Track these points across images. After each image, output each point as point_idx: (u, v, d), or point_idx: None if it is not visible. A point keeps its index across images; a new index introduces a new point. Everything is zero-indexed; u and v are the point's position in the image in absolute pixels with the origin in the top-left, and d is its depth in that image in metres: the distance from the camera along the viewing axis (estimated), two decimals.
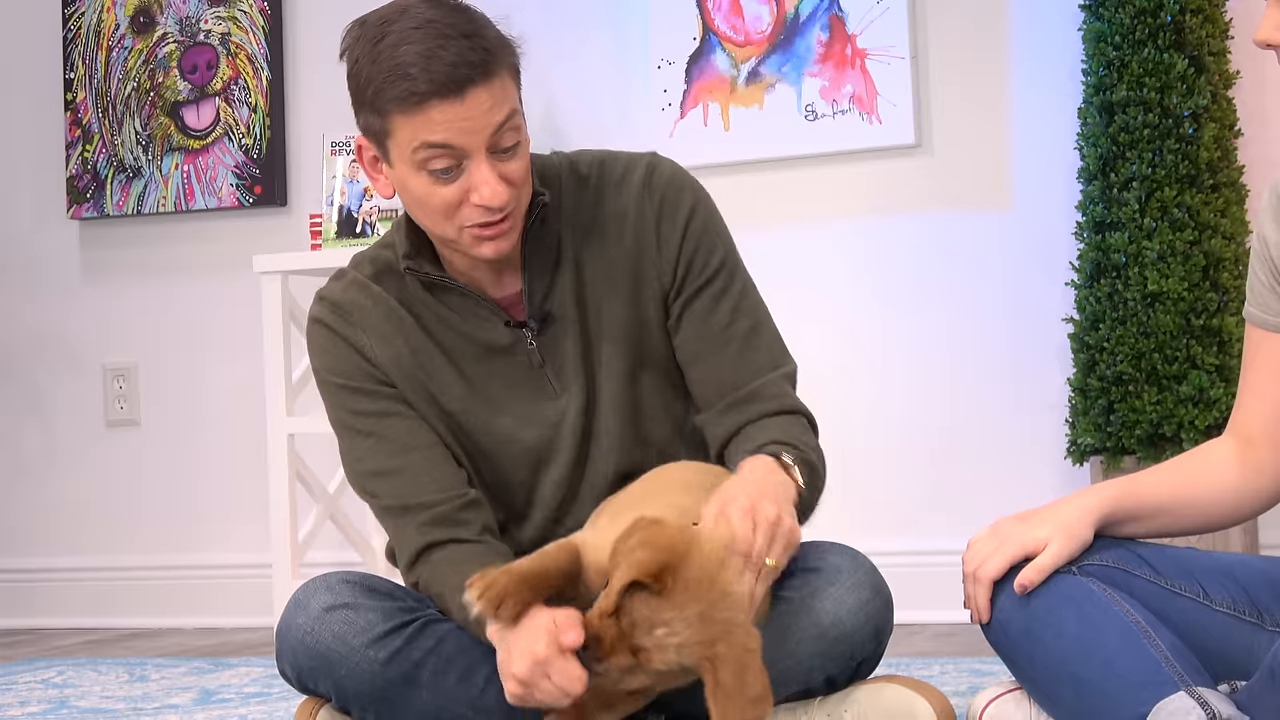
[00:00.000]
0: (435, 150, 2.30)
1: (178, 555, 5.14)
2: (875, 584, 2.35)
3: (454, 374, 2.47)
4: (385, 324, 2.48)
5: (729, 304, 2.47)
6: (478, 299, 2.46)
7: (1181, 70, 3.90)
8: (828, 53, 4.46)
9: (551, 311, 2.46)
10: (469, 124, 2.28)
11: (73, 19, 5.21)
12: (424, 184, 2.33)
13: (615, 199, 2.49)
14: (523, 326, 2.46)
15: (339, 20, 5.04)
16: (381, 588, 2.41)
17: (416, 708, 2.33)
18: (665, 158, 2.54)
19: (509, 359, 2.47)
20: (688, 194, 2.50)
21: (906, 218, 4.44)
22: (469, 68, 2.26)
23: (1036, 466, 4.28)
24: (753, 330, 2.48)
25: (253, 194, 5.01)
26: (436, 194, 2.33)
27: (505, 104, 2.30)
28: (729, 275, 2.49)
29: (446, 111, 2.27)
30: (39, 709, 3.55)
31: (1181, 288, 3.86)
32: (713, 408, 2.45)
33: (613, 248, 2.47)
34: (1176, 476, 2.35)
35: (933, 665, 3.55)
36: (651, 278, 2.47)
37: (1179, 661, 2.10)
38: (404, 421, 2.46)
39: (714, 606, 2.08)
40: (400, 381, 2.47)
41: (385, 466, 2.45)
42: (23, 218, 5.33)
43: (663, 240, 2.47)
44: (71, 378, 5.27)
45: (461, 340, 2.47)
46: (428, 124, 2.28)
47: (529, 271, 2.46)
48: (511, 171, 2.33)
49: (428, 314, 2.48)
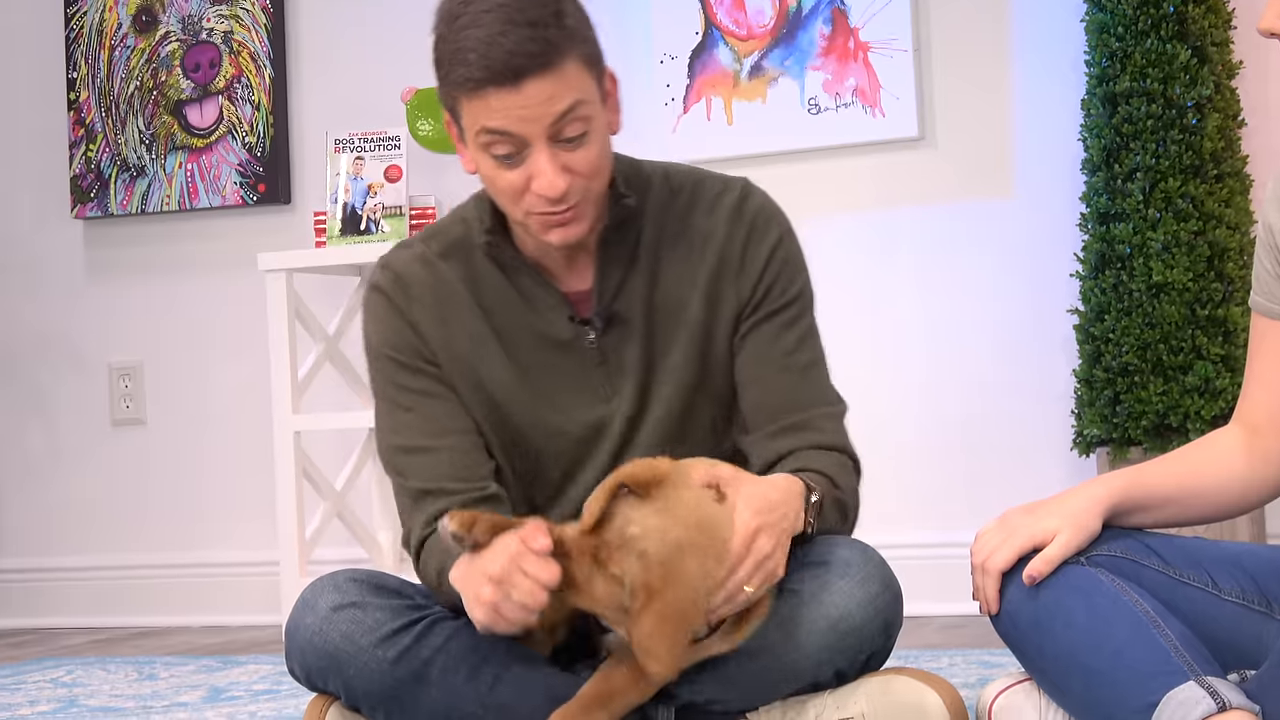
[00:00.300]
0: (495, 136, 2.30)
1: (185, 553, 5.15)
2: (885, 578, 2.35)
3: (505, 361, 2.47)
4: (444, 305, 2.48)
5: (796, 334, 2.49)
6: (547, 288, 2.46)
7: (1184, 61, 3.90)
8: (830, 46, 4.47)
9: (618, 312, 2.47)
10: (526, 113, 2.28)
11: (75, 18, 5.21)
12: (490, 166, 2.34)
13: (705, 217, 2.50)
14: (586, 323, 2.46)
15: (341, 17, 5.08)
16: (389, 585, 2.41)
17: (426, 706, 2.33)
18: (758, 187, 2.55)
19: (566, 354, 2.47)
20: (776, 223, 2.52)
21: (910, 210, 4.45)
22: (526, 58, 2.25)
23: (1043, 458, 4.28)
24: (812, 364, 2.50)
25: (256, 192, 5.02)
26: (502, 177, 2.33)
27: (569, 94, 2.29)
28: (801, 308, 2.51)
29: (503, 99, 2.27)
30: (48, 708, 3.56)
31: (1186, 278, 3.86)
32: (762, 430, 2.45)
33: (695, 263, 2.48)
34: (1183, 466, 2.35)
35: (941, 657, 3.55)
36: (729, 296, 2.48)
37: (1188, 651, 2.10)
38: (443, 404, 2.46)
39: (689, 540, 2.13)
40: (448, 364, 2.47)
41: (417, 444, 2.45)
42: (26, 217, 5.34)
43: (747, 262, 2.48)
44: (76, 377, 5.28)
45: (521, 328, 2.47)
46: (486, 110, 2.29)
47: (601, 269, 2.46)
48: (576, 161, 2.32)
49: (492, 296, 2.48)
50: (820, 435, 2.45)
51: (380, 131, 4.60)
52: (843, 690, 2.33)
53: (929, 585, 3.94)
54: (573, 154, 2.32)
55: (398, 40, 4.90)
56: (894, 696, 2.31)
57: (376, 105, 4.80)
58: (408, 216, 4.55)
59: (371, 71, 4.92)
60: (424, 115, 4.54)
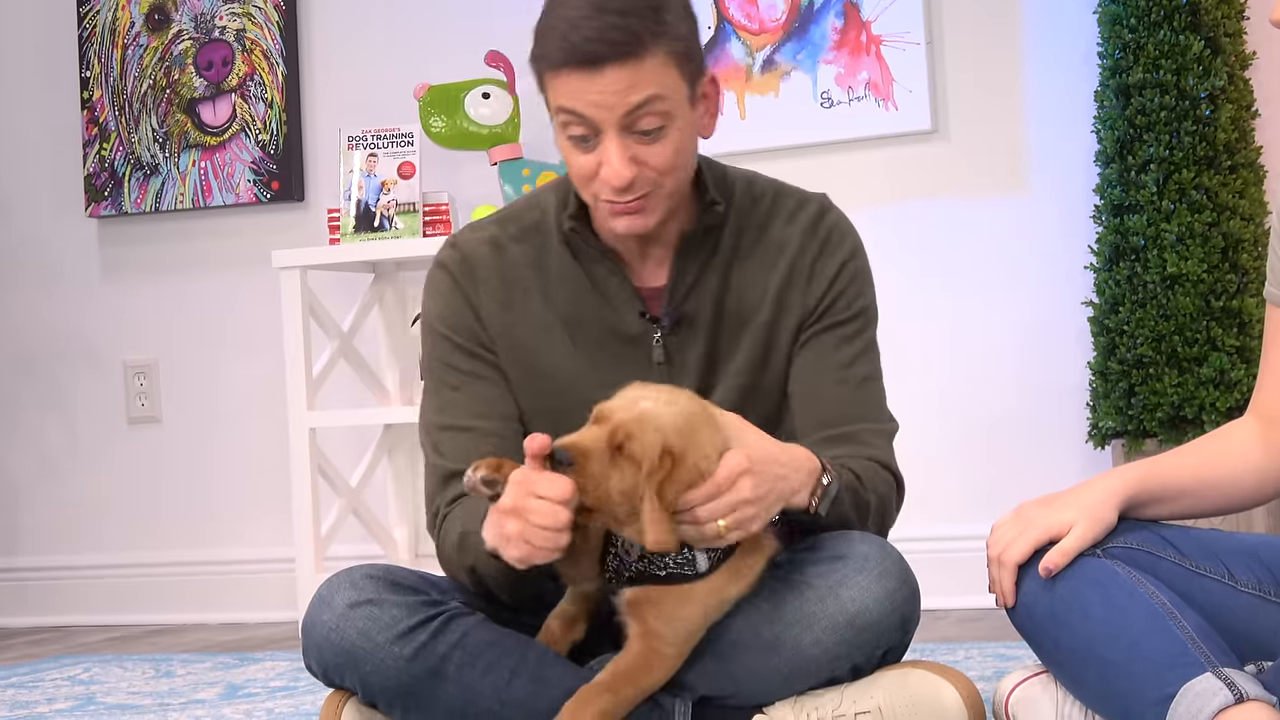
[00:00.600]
0: (570, 116, 2.33)
1: (201, 551, 5.15)
2: (902, 573, 2.35)
3: (570, 349, 2.47)
4: (509, 289, 2.49)
5: (855, 349, 2.50)
6: (621, 280, 2.47)
7: (1198, 52, 3.90)
8: (843, 40, 4.46)
9: (687, 314, 2.48)
10: (600, 99, 2.30)
11: (88, 17, 5.21)
12: (567, 146, 2.37)
13: (782, 228, 2.52)
14: (655, 321, 2.47)
15: (353, 14, 5.08)
16: (405, 581, 2.40)
17: (443, 702, 2.33)
18: (835, 204, 2.58)
19: (632, 349, 2.47)
20: (849, 240, 2.55)
21: (924, 204, 4.44)
22: (606, 45, 2.28)
23: (1058, 450, 4.28)
24: (868, 380, 2.52)
25: (270, 190, 5.02)
26: (575, 158, 2.37)
27: (645, 87, 2.30)
28: (864, 324, 2.53)
29: (579, 82, 2.30)
30: (66, 705, 3.57)
31: (1201, 270, 3.86)
32: (810, 438, 2.45)
33: (767, 272, 2.50)
34: (1199, 458, 2.35)
35: (958, 650, 3.55)
36: (796, 305, 2.49)
37: (1205, 643, 2.10)
38: (491, 387, 2.47)
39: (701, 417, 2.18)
40: (506, 351, 2.48)
41: (458, 422, 2.46)
42: (41, 216, 5.34)
43: (816, 274, 2.50)
44: (92, 375, 5.28)
45: (589, 316, 2.48)
46: (564, 90, 2.32)
47: (678, 269, 2.47)
48: (649, 155, 2.34)
49: (561, 283, 2.49)
50: (866, 449, 2.45)
51: (393, 128, 4.60)
52: (859, 684, 2.33)
53: (945, 578, 3.94)
54: (647, 147, 2.34)
55: (411, 37, 4.90)
56: (911, 690, 2.31)
57: (390, 102, 4.80)
58: (421, 213, 4.55)
59: (384, 68, 4.92)
60: (437, 112, 4.54)
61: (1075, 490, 2.29)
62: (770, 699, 2.34)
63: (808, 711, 2.32)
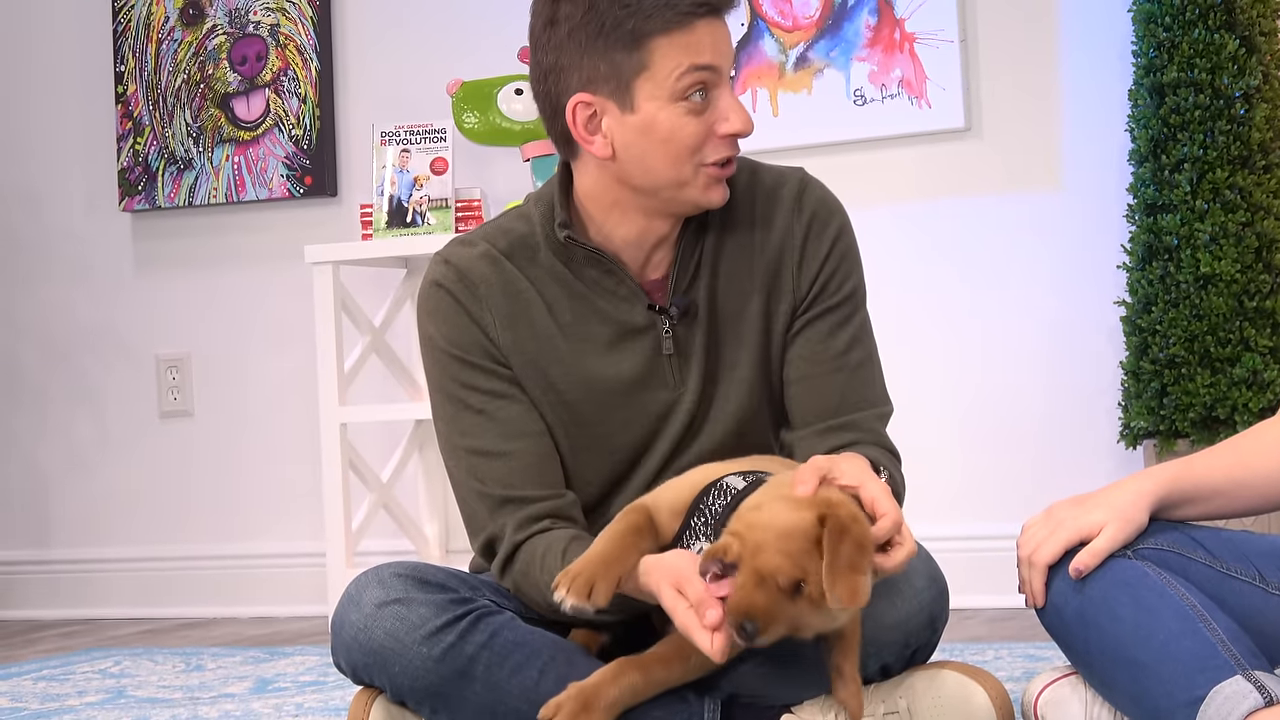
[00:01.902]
0: (703, 72, 2.35)
1: (232, 545, 5.17)
2: (932, 573, 2.35)
3: (576, 359, 2.44)
4: (513, 303, 2.45)
5: (848, 333, 2.48)
6: (621, 278, 2.44)
7: (1232, 50, 3.88)
8: (876, 37, 4.45)
9: (693, 303, 2.46)
10: (724, 46, 2.38)
11: (122, 12, 5.23)
12: (675, 118, 2.36)
13: (764, 209, 2.50)
14: (663, 313, 2.45)
15: (387, 10, 5.09)
16: (434, 579, 2.39)
17: (472, 701, 2.33)
18: (814, 177, 2.55)
19: (641, 342, 2.45)
20: (836, 217, 2.51)
21: (957, 201, 4.43)
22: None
23: (1090, 450, 4.27)
24: (863, 364, 2.49)
25: (303, 184, 5.03)
26: (686, 128, 2.36)
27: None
28: (855, 305, 2.50)
29: (712, 30, 2.36)
30: (97, 699, 3.58)
31: (1234, 270, 3.84)
32: (809, 428, 2.45)
33: (754, 256, 2.48)
34: (1232, 458, 2.33)
35: (987, 650, 3.54)
36: (788, 290, 2.48)
37: (1235, 645, 2.09)
38: (516, 405, 2.43)
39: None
40: (519, 366, 2.44)
41: (493, 448, 2.42)
42: (75, 210, 5.36)
43: (806, 257, 2.48)
44: (125, 369, 5.30)
45: (591, 323, 2.45)
46: (696, 44, 2.34)
47: (681, 259, 2.46)
48: None
49: (560, 297, 2.46)
50: (864, 435, 2.44)
51: (426, 124, 4.61)
52: (887, 684, 2.33)
53: (975, 578, 3.93)
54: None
55: (444, 33, 4.90)
56: (939, 691, 2.30)
57: (423, 98, 4.81)
58: (454, 209, 4.55)
59: (418, 64, 4.93)
60: (470, 108, 4.55)
61: (1106, 491, 2.28)
62: (801, 698, 2.33)
63: (835, 711, 2.31)
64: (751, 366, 2.47)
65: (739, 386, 2.46)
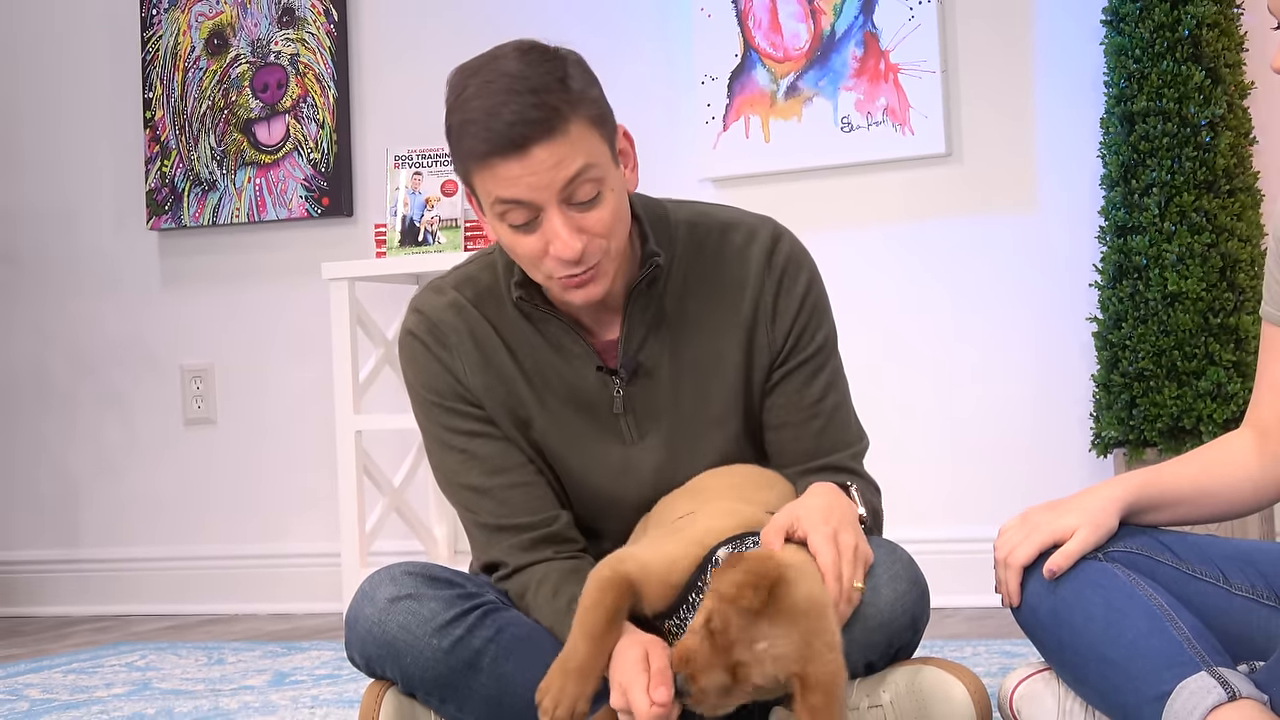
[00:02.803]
0: (508, 205, 2.26)
1: (252, 545, 5.16)
2: (912, 576, 2.34)
3: (538, 405, 2.44)
4: (479, 351, 2.44)
5: (823, 381, 2.48)
6: (574, 337, 2.42)
7: (1199, 81, 3.88)
8: (862, 68, 4.46)
9: (643, 364, 2.43)
10: (535, 179, 2.22)
11: (151, 42, 5.23)
12: (508, 234, 2.29)
13: (737, 267, 2.46)
14: (613, 374, 2.43)
15: (402, 40, 5.10)
16: (442, 576, 2.40)
17: (479, 693, 2.33)
18: (786, 230, 2.51)
19: (593, 402, 2.44)
20: (805, 272, 2.48)
21: (938, 223, 4.43)
22: (529, 126, 2.21)
23: (1063, 458, 4.27)
24: (838, 408, 2.49)
25: (321, 205, 5.03)
26: (520, 244, 2.29)
27: (576, 158, 2.23)
28: (827, 355, 2.49)
29: (510, 168, 2.23)
30: (123, 690, 3.57)
31: (1200, 288, 3.84)
32: (788, 470, 2.46)
33: (728, 313, 2.45)
34: (1197, 467, 2.33)
35: (965, 647, 3.54)
36: (764, 346, 2.46)
37: (1200, 643, 2.09)
38: (494, 443, 2.44)
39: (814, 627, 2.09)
40: (491, 408, 2.44)
41: (478, 484, 2.43)
42: (105, 229, 5.36)
43: (779, 314, 2.46)
44: (151, 378, 5.30)
45: (550, 374, 2.44)
46: (496, 180, 2.24)
47: (628, 323, 2.42)
48: (591, 223, 2.27)
49: (523, 344, 2.45)
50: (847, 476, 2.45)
51: (438, 148, 4.61)
52: (872, 679, 2.32)
53: (955, 579, 3.93)
54: (586, 215, 2.27)
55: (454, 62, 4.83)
56: (921, 685, 2.30)
57: (434, 123, 4.74)
58: (463, 229, 4.56)
59: (429, 91, 4.88)
60: None
61: (1078, 496, 2.28)
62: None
63: None
64: (734, 421, 2.46)
65: (718, 435, 2.45)
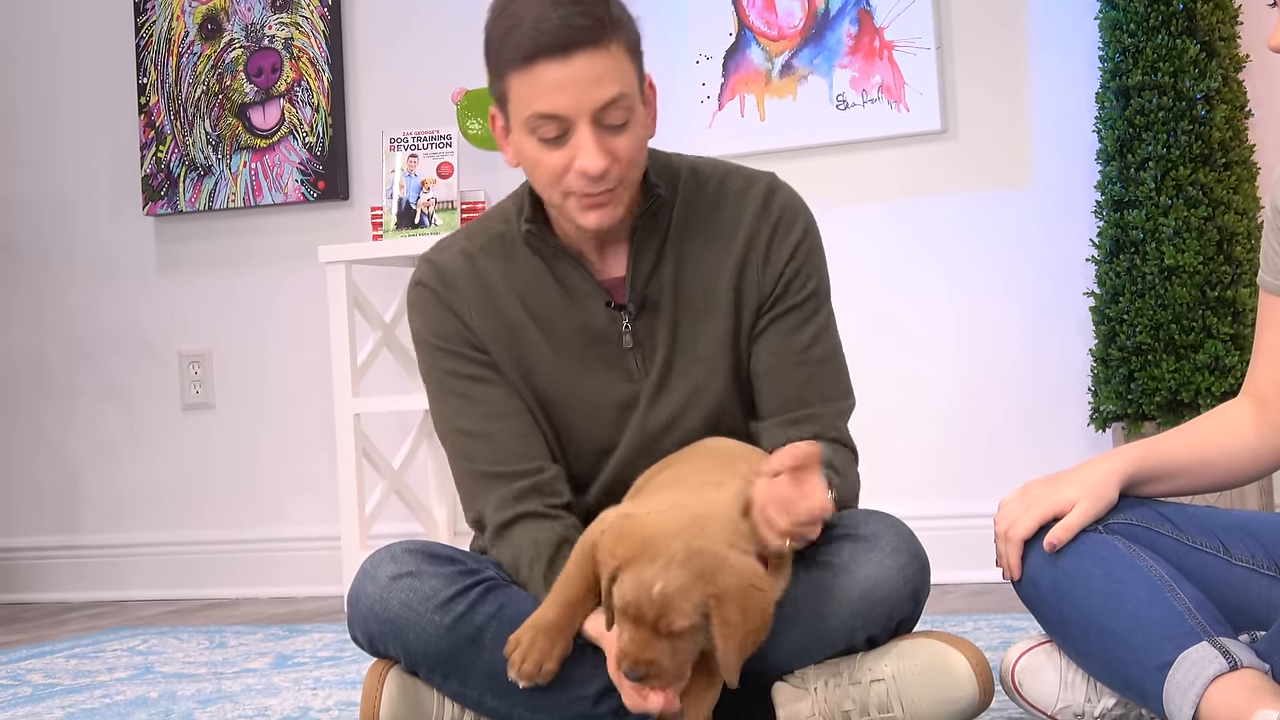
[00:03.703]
0: (542, 119, 2.29)
1: (252, 529, 5.17)
2: (913, 549, 2.35)
3: (545, 347, 2.46)
4: (486, 296, 2.47)
5: (812, 329, 2.48)
6: (583, 274, 2.45)
7: (1194, 55, 3.88)
8: (857, 45, 4.45)
9: (650, 297, 2.46)
10: (575, 90, 2.27)
11: (144, 27, 5.22)
12: (534, 149, 2.33)
13: (734, 209, 2.48)
14: (621, 309, 2.45)
15: (394, 23, 5.09)
16: (442, 554, 2.41)
17: (480, 668, 2.34)
18: (784, 182, 2.53)
19: (603, 337, 2.46)
20: (801, 219, 2.49)
21: (934, 200, 4.43)
22: (573, 30, 2.25)
23: (1062, 432, 4.27)
24: (827, 359, 2.49)
25: (316, 189, 5.02)
26: (545, 160, 2.32)
27: (614, 81, 2.29)
28: (819, 303, 2.49)
29: (553, 72, 2.27)
30: (125, 674, 3.58)
31: (1197, 261, 3.84)
32: (773, 418, 2.45)
33: (721, 253, 2.47)
34: (1195, 437, 2.33)
35: (967, 622, 3.54)
36: (753, 286, 2.47)
37: (1201, 613, 2.10)
38: (495, 389, 2.46)
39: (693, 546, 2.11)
40: (496, 353, 2.46)
41: (475, 429, 2.45)
42: (101, 215, 5.36)
43: (771, 255, 2.46)
44: (149, 364, 5.30)
45: (559, 314, 2.46)
46: (535, 87, 2.28)
47: (635, 256, 2.45)
48: (618, 147, 2.32)
49: (530, 286, 2.47)
50: (824, 429, 2.43)
51: (432, 130, 4.60)
52: (874, 653, 2.33)
53: (955, 553, 3.93)
54: (614, 139, 2.32)
55: (448, 44, 4.90)
56: (923, 659, 2.30)
57: (429, 106, 4.80)
58: (459, 210, 4.55)
59: (424, 74, 4.92)
60: (473, 115, 4.55)
61: (1078, 469, 2.28)
62: (792, 667, 2.34)
63: (825, 678, 2.32)
64: (722, 358, 2.47)
65: (700, 367, 2.46)
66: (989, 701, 2.32)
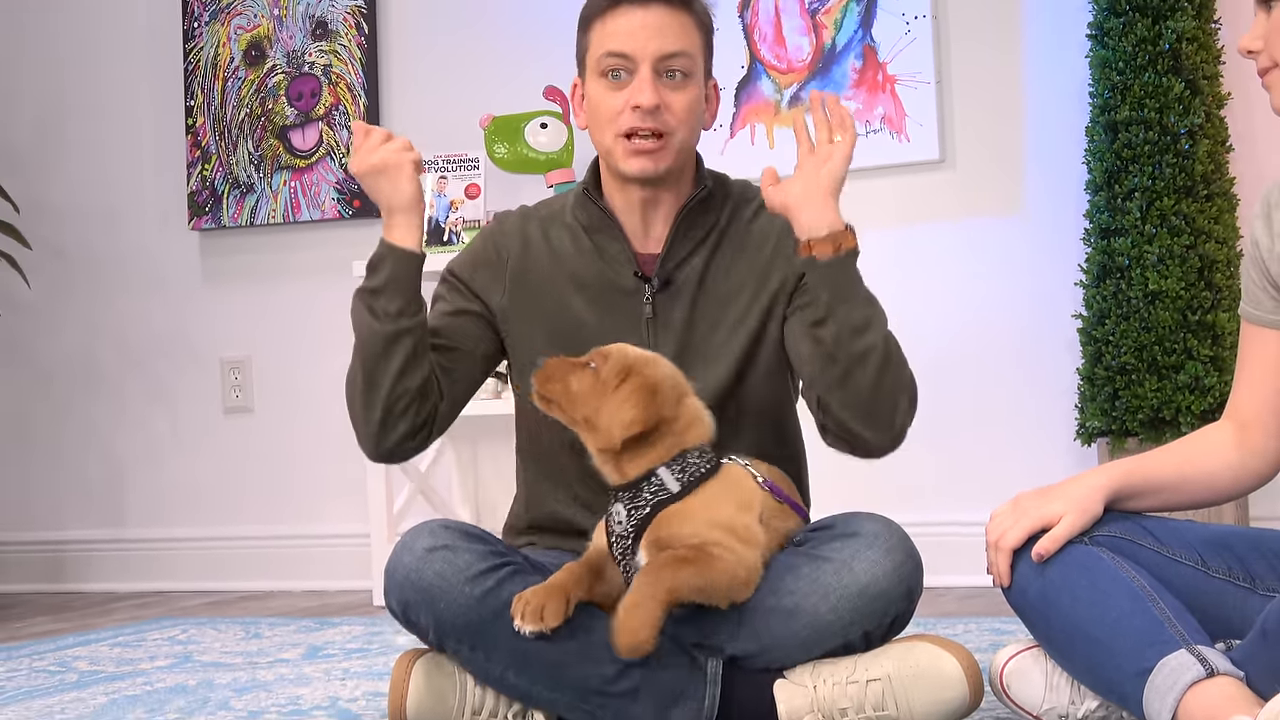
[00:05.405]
0: (613, 57, 2.46)
1: (287, 526, 5.16)
2: (908, 548, 2.36)
3: (573, 300, 2.54)
4: (525, 247, 2.60)
5: None
6: (621, 244, 2.55)
7: (1178, 92, 3.87)
8: (861, 79, 4.45)
9: (675, 278, 2.54)
10: (644, 33, 2.45)
11: (192, 53, 5.23)
12: (599, 91, 2.49)
13: (768, 222, 2.57)
14: (647, 281, 2.53)
15: (427, 53, 5.09)
16: (475, 533, 2.42)
17: (504, 643, 2.33)
18: None
19: (625, 303, 2.54)
20: None
21: (932, 225, 4.43)
22: None
23: (1050, 447, 4.26)
24: None
25: (352, 207, 5.03)
26: (607, 99, 2.47)
27: (681, 39, 2.47)
28: None
29: (633, 15, 2.45)
30: (166, 663, 3.57)
31: (1179, 287, 3.83)
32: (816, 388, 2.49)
33: (751, 258, 2.55)
34: (1179, 457, 2.33)
35: (957, 625, 3.54)
36: (779, 270, 2.54)
37: (1180, 622, 2.09)
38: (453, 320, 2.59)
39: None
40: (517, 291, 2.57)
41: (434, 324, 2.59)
42: (149, 229, 5.36)
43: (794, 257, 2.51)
44: (192, 370, 5.30)
45: (591, 277, 2.55)
46: (612, 30, 2.46)
47: (673, 240, 2.54)
48: (673, 100, 2.47)
49: (572, 250, 2.57)
50: None
51: (461, 154, 4.60)
52: (870, 654, 2.33)
53: (948, 559, 3.92)
54: (671, 92, 2.47)
55: (477, 74, 4.90)
56: (916, 660, 2.30)
57: (458, 130, 4.80)
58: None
59: (453, 101, 4.93)
60: (500, 139, 4.54)
61: (1066, 484, 2.28)
62: (791, 661, 2.34)
63: (823, 677, 2.31)
64: (738, 348, 2.52)
65: (719, 365, 2.50)
66: (979, 702, 2.32)
